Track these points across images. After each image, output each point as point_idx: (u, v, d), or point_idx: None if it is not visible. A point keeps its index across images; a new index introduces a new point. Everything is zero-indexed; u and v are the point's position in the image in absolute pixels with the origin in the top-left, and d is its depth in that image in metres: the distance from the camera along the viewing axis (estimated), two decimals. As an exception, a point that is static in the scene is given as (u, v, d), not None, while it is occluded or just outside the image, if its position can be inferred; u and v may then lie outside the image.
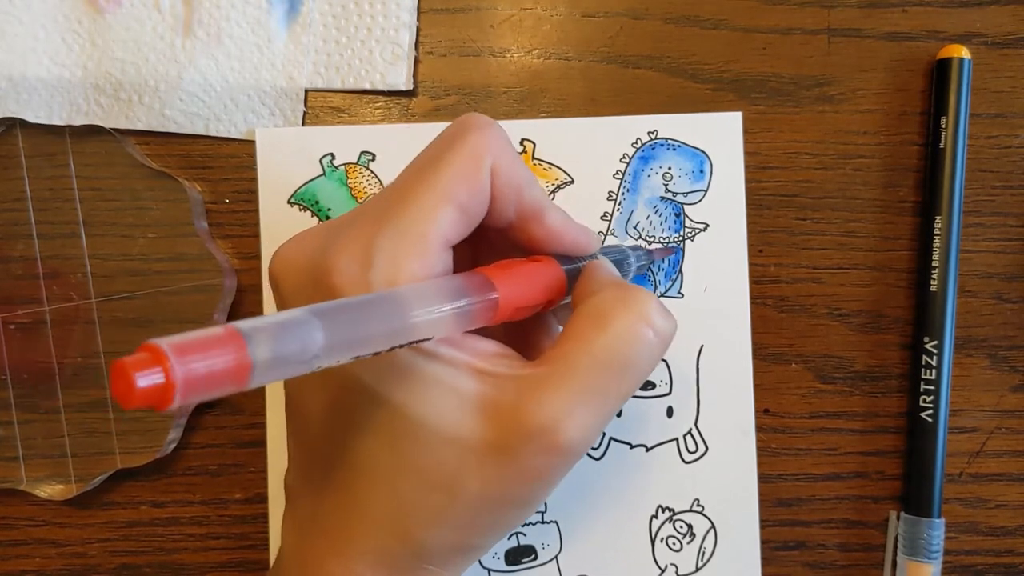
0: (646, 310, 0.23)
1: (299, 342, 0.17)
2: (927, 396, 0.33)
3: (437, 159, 0.23)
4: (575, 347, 0.22)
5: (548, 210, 0.25)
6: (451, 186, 0.22)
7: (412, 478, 0.22)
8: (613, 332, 0.22)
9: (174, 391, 0.14)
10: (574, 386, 0.22)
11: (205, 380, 0.15)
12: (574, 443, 0.22)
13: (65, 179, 0.34)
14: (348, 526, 0.23)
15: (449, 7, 0.35)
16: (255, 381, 0.16)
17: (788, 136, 0.35)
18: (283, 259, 0.24)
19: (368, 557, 0.23)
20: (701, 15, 0.35)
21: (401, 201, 0.23)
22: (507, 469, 0.22)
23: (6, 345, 0.34)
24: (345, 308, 0.18)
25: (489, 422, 0.21)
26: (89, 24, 0.34)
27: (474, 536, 0.23)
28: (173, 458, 0.34)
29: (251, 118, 0.34)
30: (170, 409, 0.15)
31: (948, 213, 0.33)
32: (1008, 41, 0.35)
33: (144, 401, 0.14)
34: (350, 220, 0.23)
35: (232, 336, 0.15)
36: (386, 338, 0.19)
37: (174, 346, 0.15)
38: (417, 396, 0.22)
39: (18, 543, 0.34)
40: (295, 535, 0.24)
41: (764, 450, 0.34)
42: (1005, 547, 0.34)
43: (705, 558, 0.34)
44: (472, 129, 0.23)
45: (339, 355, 0.18)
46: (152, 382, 0.14)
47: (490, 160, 0.23)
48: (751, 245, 0.34)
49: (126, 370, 0.14)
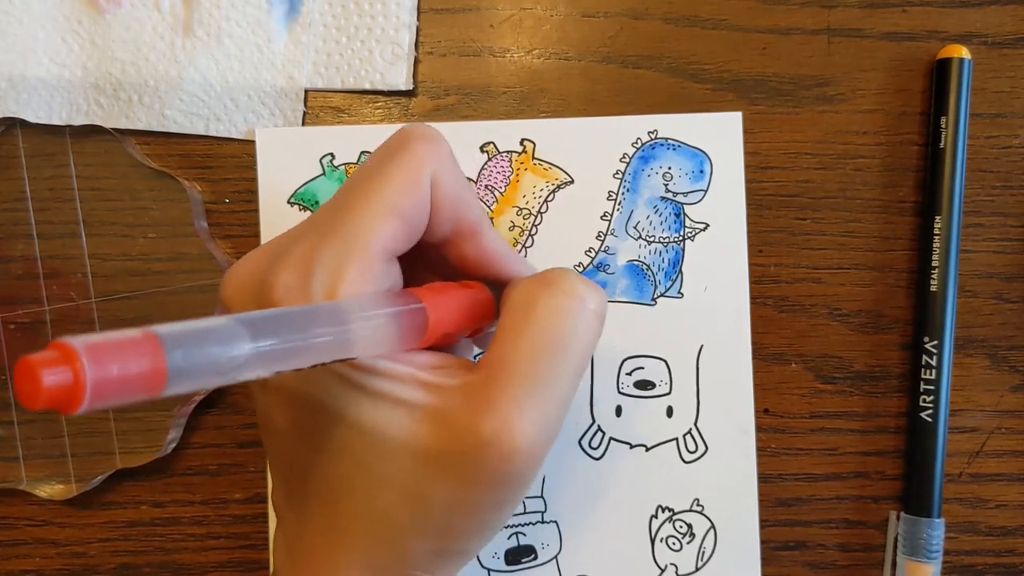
0: (569, 284, 0.23)
1: (222, 351, 0.16)
2: (927, 396, 0.33)
3: (378, 170, 0.23)
4: (509, 340, 0.22)
5: (485, 232, 0.25)
6: (393, 196, 0.22)
7: (383, 491, 0.22)
8: (541, 314, 0.22)
9: (83, 393, 0.13)
10: (516, 382, 0.21)
11: (117, 384, 0.14)
12: (529, 442, 0.21)
13: (65, 179, 0.34)
14: (333, 542, 0.23)
15: (449, 7, 0.35)
16: (171, 389, 0.15)
17: (788, 136, 0.35)
18: (233, 279, 0.24)
19: (357, 570, 0.22)
20: (701, 15, 0.35)
21: (343, 212, 0.22)
22: (469, 477, 0.21)
23: (6, 345, 0.34)
24: (272, 318, 0.18)
25: (442, 432, 0.21)
26: (89, 24, 0.34)
27: (456, 541, 0.23)
28: (173, 458, 0.34)
29: (251, 118, 0.34)
30: (78, 412, 0.14)
31: (948, 213, 0.33)
32: (1008, 41, 0.35)
33: (50, 401, 0.13)
34: (295, 235, 0.23)
35: (149, 340, 0.15)
36: (312, 352, 0.18)
37: (87, 346, 0.14)
38: (370, 411, 0.21)
39: (18, 543, 0.34)
40: (285, 556, 0.24)
41: (764, 450, 0.34)
42: (1005, 547, 0.34)
43: (705, 558, 0.34)
44: (414, 140, 0.23)
45: (262, 368, 0.17)
46: (59, 381, 0.13)
47: (431, 170, 0.23)
48: (751, 245, 0.34)
49: (32, 367, 0.13)
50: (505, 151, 0.34)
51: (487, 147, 0.34)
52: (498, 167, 0.34)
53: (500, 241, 0.25)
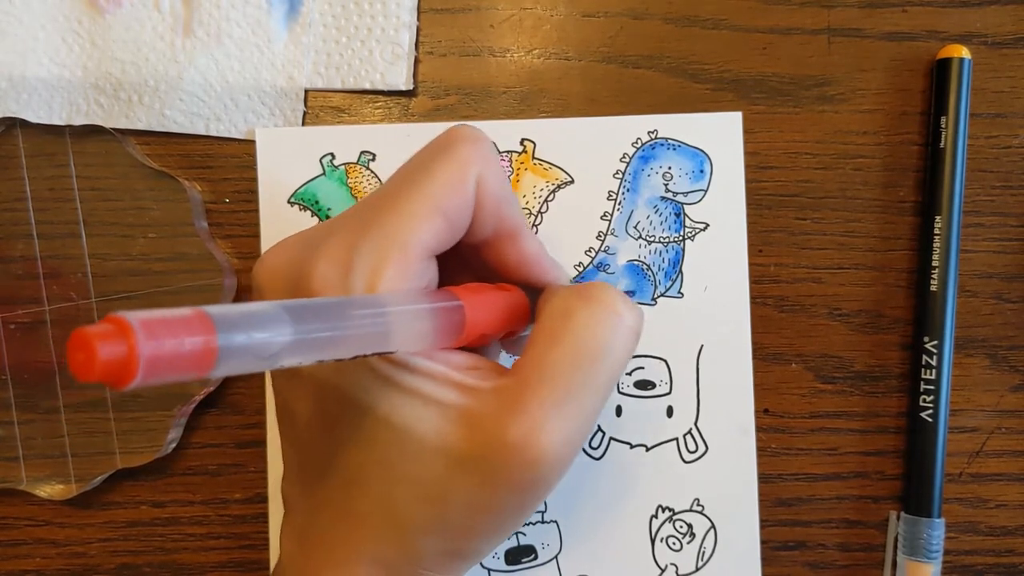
0: (609, 299, 0.23)
1: (266, 334, 0.16)
2: (927, 396, 0.33)
3: (425, 167, 0.23)
4: (544, 349, 0.22)
5: (526, 235, 0.25)
6: (438, 195, 0.22)
7: (402, 488, 0.22)
8: (579, 324, 0.22)
9: (137, 367, 0.13)
10: (548, 391, 0.21)
11: (169, 361, 0.14)
12: (554, 451, 0.21)
13: (65, 179, 0.34)
14: (345, 534, 0.23)
15: (449, 7, 0.35)
16: (219, 369, 0.15)
17: (788, 136, 0.35)
18: (267, 266, 0.24)
19: (366, 564, 0.23)
20: (701, 15, 0.35)
21: (386, 208, 0.22)
22: (492, 480, 0.21)
23: (6, 345, 0.34)
24: (314, 307, 0.18)
25: (471, 434, 0.21)
26: (89, 24, 0.34)
27: (470, 542, 0.23)
28: (173, 458, 0.34)
29: (251, 118, 0.34)
30: (129, 387, 0.14)
31: (948, 213, 0.33)
32: (1008, 41, 0.35)
33: (104, 375, 0.13)
34: (334, 226, 0.23)
35: (202, 319, 0.15)
36: (352, 344, 0.18)
37: (143, 322, 0.14)
38: (400, 407, 0.22)
39: (18, 543, 0.34)
40: (293, 543, 0.24)
41: (764, 450, 0.34)
42: (1005, 547, 0.34)
43: (705, 558, 0.34)
44: (461, 140, 0.23)
45: (302, 356, 0.17)
46: (115, 354, 0.13)
47: (477, 172, 0.23)
48: (751, 245, 0.34)
49: (89, 339, 0.13)
50: (505, 151, 0.34)
51: (487, 147, 0.34)
52: (498, 167, 0.34)
53: (539, 246, 0.25)
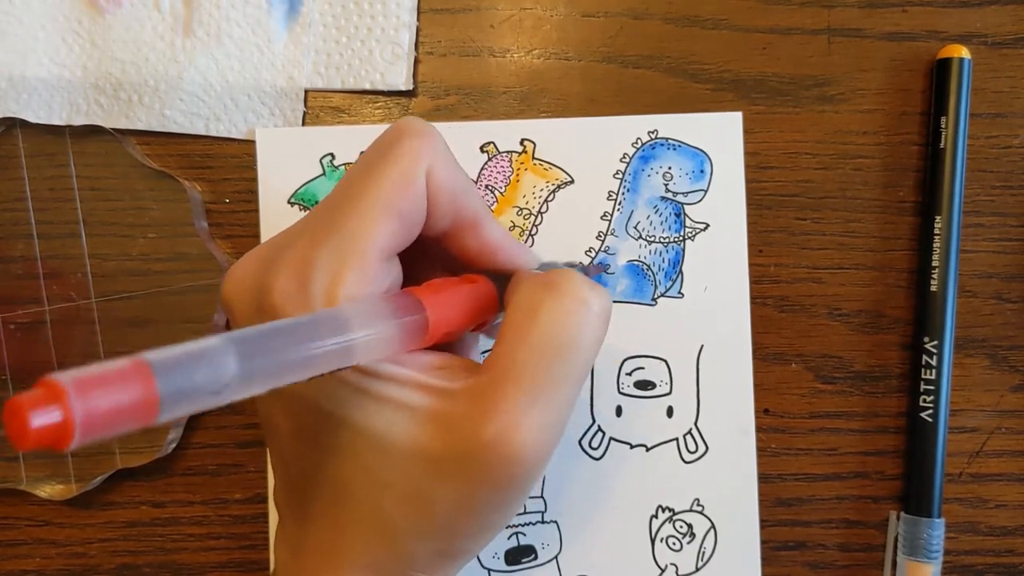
0: (573, 287, 0.22)
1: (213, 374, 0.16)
2: (927, 396, 0.33)
3: (372, 168, 0.23)
4: (512, 344, 0.22)
5: (486, 223, 0.24)
6: (388, 195, 0.22)
7: (386, 493, 0.22)
8: (545, 317, 0.22)
9: (72, 430, 0.13)
10: (520, 386, 0.21)
11: (108, 417, 0.14)
12: (532, 445, 0.21)
13: (65, 179, 0.34)
14: (336, 542, 0.23)
15: (449, 7, 0.35)
16: (164, 416, 0.15)
17: (788, 136, 0.35)
18: (232, 281, 0.23)
19: (358, 570, 0.23)
20: (701, 15, 0.35)
21: (339, 213, 0.22)
22: (472, 480, 0.21)
23: (6, 345, 0.34)
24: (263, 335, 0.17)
25: (445, 435, 0.21)
26: (89, 24, 0.34)
27: (457, 542, 0.23)
28: (173, 458, 0.34)
29: (251, 118, 0.34)
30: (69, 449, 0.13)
31: (948, 213, 0.33)
32: (1008, 41, 0.35)
33: (39, 442, 0.13)
34: (291, 235, 0.23)
35: (139, 368, 0.14)
36: (310, 366, 0.18)
37: (76, 381, 0.13)
38: (372, 415, 0.21)
39: (18, 543, 0.34)
40: (287, 554, 0.24)
41: (764, 450, 0.34)
42: (1005, 547, 0.34)
43: (705, 558, 0.34)
44: (407, 135, 0.23)
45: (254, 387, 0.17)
46: (48, 421, 0.13)
47: (425, 165, 0.22)
48: (751, 245, 0.34)
49: (20, 408, 0.13)
50: (505, 151, 0.34)
51: (487, 147, 0.34)
52: (498, 167, 0.34)
53: (501, 231, 0.25)
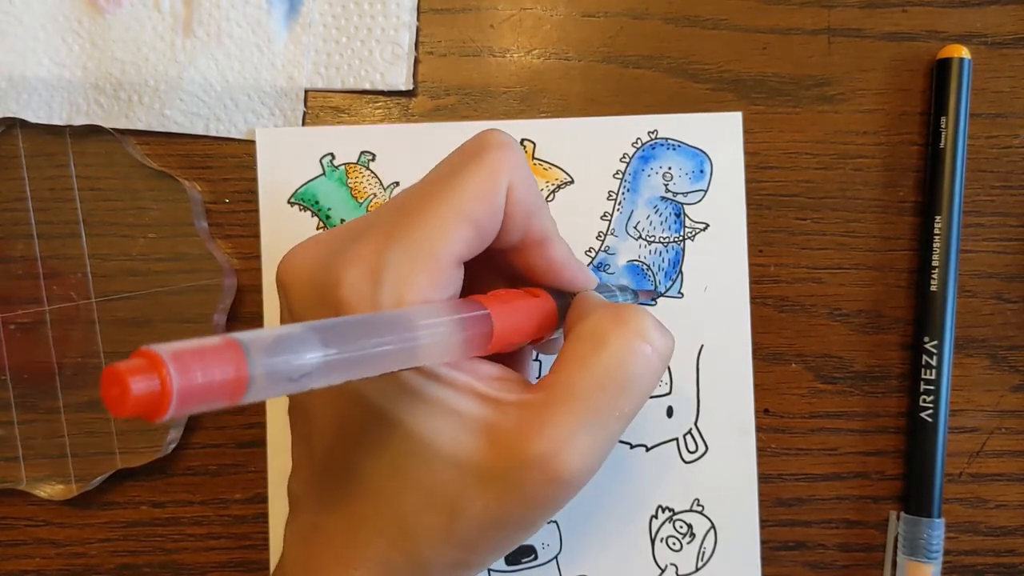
0: (642, 327, 0.22)
1: (297, 359, 0.16)
2: (927, 396, 0.33)
3: (454, 174, 0.23)
4: (573, 370, 0.22)
5: (554, 241, 0.24)
6: (467, 203, 0.22)
7: (415, 497, 0.22)
8: (610, 351, 0.22)
9: (170, 400, 0.14)
10: (574, 411, 0.21)
11: (201, 391, 0.14)
12: (575, 471, 0.21)
13: (65, 179, 0.34)
14: (352, 538, 0.23)
15: (449, 7, 0.35)
16: (250, 396, 0.15)
17: (788, 136, 0.35)
18: (291, 265, 0.23)
19: (370, 567, 0.23)
20: (701, 15, 0.35)
21: (415, 215, 0.22)
22: (508, 495, 0.21)
23: (6, 345, 0.34)
24: (344, 327, 0.18)
25: (491, 447, 0.21)
26: (89, 24, 0.34)
27: (475, 555, 0.23)
28: (173, 458, 0.34)
29: (251, 118, 0.34)
30: (162, 420, 0.14)
31: (948, 213, 0.33)
32: (1008, 41, 0.35)
33: (137, 409, 0.13)
34: (360, 230, 0.23)
35: (232, 347, 0.15)
36: (382, 362, 0.18)
37: (172, 353, 0.14)
38: (421, 417, 0.21)
39: (18, 543, 0.34)
40: (298, 543, 0.24)
41: (764, 450, 0.34)
42: (1005, 547, 0.34)
43: (705, 558, 0.34)
44: (492, 147, 0.23)
45: (332, 377, 0.17)
46: (147, 389, 0.13)
47: (508, 178, 0.23)
48: (751, 245, 0.34)
49: (121, 375, 0.13)
50: (505, 151, 0.34)
51: (487, 147, 0.34)
52: (498, 167, 0.34)
53: (567, 251, 0.25)
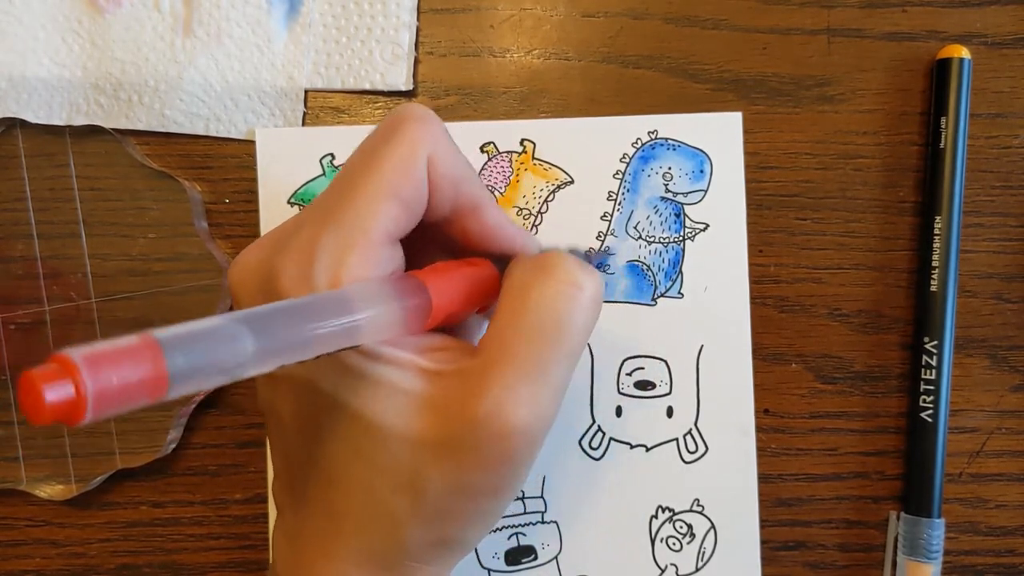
0: (563, 269, 0.23)
1: (223, 350, 0.16)
2: (927, 396, 0.33)
3: (373, 154, 0.23)
4: (505, 325, 0.22)
5: (486, 207, 0.24)
6: (390, 180, 0.22)
7: (380, 479, 0.22)
8: (535, 299, 0.22)
9: (85, 405, 0.13)
10: (512, 365, 0.22)
11: (119, 393, 0.14)
12: (523, 422, 0.21)
13: (65, 179, 0.34)
14: (332, 530, 0.23)
15: (449, 7, 0.35)
16: (174, 392, 0.15)
17: (788, 136, 0.35)
18: (239, 268, 0.24)
19: (355, 559, 0.23)
20: (701, 15, 0.35)
21: (341, 199, 0.22)
22: (464, 461, 0.22)
23: (6, 345, 0.34)
24: (271, 314, 0.18)
25: (438, 418, 0.22)
26: (89, 24, 0.34)
27: (453, 529, 0.23)
28: (173, 458, 0.34)
29: (251, 118, 0.34)
30: (82, 424, 0.14)
31: (948, 213, 0.33)
32: (1008, 41, 0.35)
33: (54, 416, 0.13)
34: (297, 223, 0.23)
35: (148, 345, 0.15)
36: (316, 345, 0.19)
37: (86, 357, 0.14)
38: (368, 399, 0.22)
39: (18, 543, 0.34)
40: (285, 544, 0.24)
41: (764, 450, 0.34)
42: (1005, 547, 0.34)
43: (705, 558, 0.34)
44: (408, 121, 0.23)
45: (264, 364, 0.17)
46: (61, 396, 0.13)
47: (426, 151, 0.23)
48: (751, 245, 0.34)
49: (34, 382, 0.13)
50: (505, 151, 0.34)
51: (487, 147, 0.34)
52: (498, 167, 0.34)
53: (502, 216, 0.25)
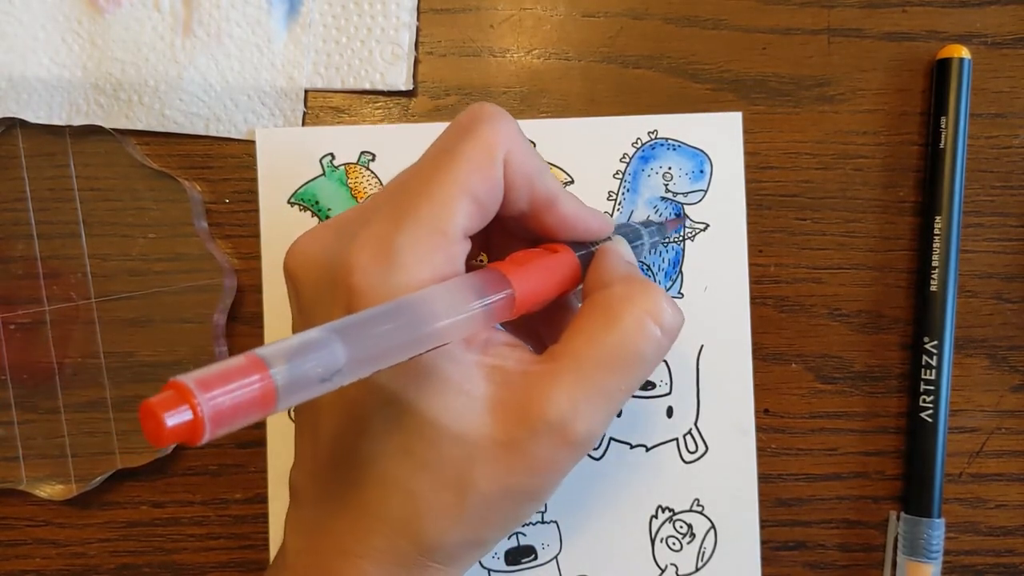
0: (654, 306, 0.23)
1: (321, 363, 0.17)
2: (927, 396, 0.33)
3: (450, 151, 0.23)
4: (583, 343, 0.23)
5: (561, 198, 0.25)
6: (466, 178, 0.22)
7: (424, 477, 0.22)
8: (621, 329, 0.23)
9: (203, 426, 0.15)
10: (581, 382, 0.22)
11: (232, 411, 0.15)
12: (581, 437, 0.22)
13: (65, 179, 0.34)
14: (358, 525, 0.23)
15: (449, 7, 0.35)
16: (281, 405, 0.16)
17: (788, 136, 0.35)
18: (300, 254, 0.24)
19: (376, 556, 0.23)
20: (701, 15, 0.35)
21: (417, 195, 0.22)
22: (516, 464, 0.22)
23: (6, 345, 0.34)
24: (365, 323, 0.18)
25: (497, 419, 0.22)
26: (89, 24, 0.34)
27: (485, 531, 0.23)
28: (173, 458, 0.34)
29: (251, 118, 0.34)
30: (203, 442, 0.15)
31: (948, 213, 0.33)
32: (1008, 41, 0.35)
33: (175, 438, 0.14)
34: (366, 214, 0.23)
35: (254, 363, 0.16)
36: (406, 349, 0.19)
37: (199, 381, 0.15)
38: (427, 394, 0.22)
39: (18, 543, 0.34)
40: (300, 534, 0.24)
41: (764, 450, 0.34)
42: (1005, 547, 0.34)
43: (705, 558, 0.34)
44: (484, 120, 0.23)
45: (361, 371, 0.18)
46: (181, 420, 0.14)
47: (503, 150, 0.23)
48: (751, 245, 0.34)
49: (154, 411, 0.14)
50: (505, 151, 0.34)
51: (487, 147, 0.34)
52: (498, 167, 0.34)
53: (577, 204, 0.25)
